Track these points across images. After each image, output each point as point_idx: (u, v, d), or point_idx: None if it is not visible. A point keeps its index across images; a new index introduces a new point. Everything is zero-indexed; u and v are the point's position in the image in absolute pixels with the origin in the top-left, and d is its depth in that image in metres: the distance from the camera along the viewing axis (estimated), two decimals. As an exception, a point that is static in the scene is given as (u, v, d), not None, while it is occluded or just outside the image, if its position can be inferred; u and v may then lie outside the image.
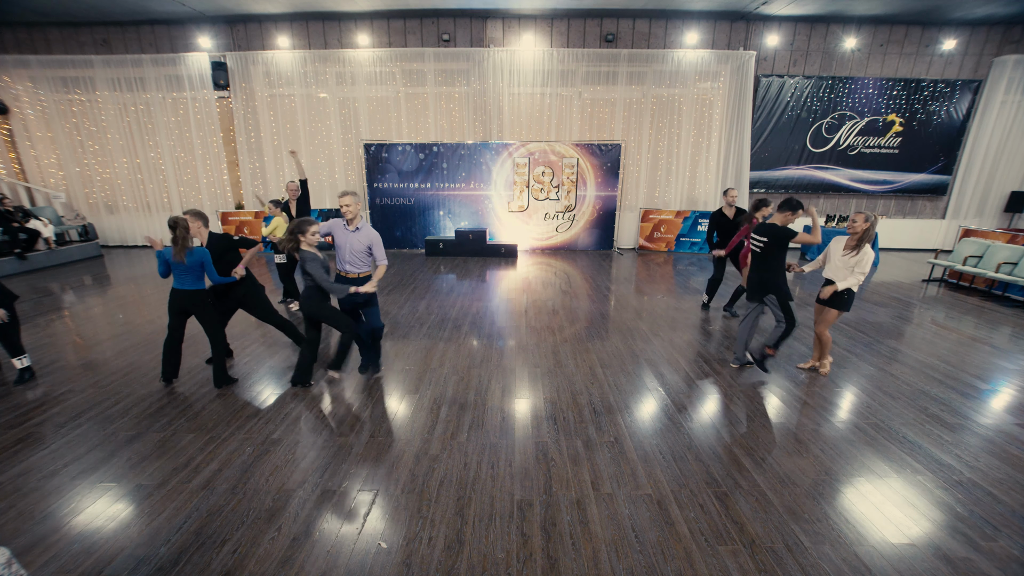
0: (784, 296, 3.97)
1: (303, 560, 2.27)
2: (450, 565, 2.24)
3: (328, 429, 3.40)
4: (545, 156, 10.02)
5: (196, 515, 2.55)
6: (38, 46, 10.00)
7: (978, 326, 5.79)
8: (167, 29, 9.91)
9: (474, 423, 3.47)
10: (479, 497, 2.70)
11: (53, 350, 4.88)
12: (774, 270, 3.98)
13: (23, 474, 2.90)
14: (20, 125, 10.27)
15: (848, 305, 4.02)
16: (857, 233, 3.84)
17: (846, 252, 3.93)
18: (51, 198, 10.35)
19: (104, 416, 3.57)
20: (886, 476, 2.92)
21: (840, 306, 4.03)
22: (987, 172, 10.45)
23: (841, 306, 4.03)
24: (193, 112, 10.24)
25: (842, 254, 3.96)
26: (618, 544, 2.37)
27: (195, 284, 3.85)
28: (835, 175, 10.64)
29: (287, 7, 9.14)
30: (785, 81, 10.00)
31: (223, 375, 4.04)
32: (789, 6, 8.90)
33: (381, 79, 9.94)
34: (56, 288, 7.47)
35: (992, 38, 9.84)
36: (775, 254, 3.95)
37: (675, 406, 3.75)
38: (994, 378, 4.33)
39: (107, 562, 2.26)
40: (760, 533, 2.45)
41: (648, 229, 10.59)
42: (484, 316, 5.94)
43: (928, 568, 2.25)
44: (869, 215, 3.84)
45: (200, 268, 3.81)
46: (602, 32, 9.77)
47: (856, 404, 3.83)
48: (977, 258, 7.34)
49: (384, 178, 10.16)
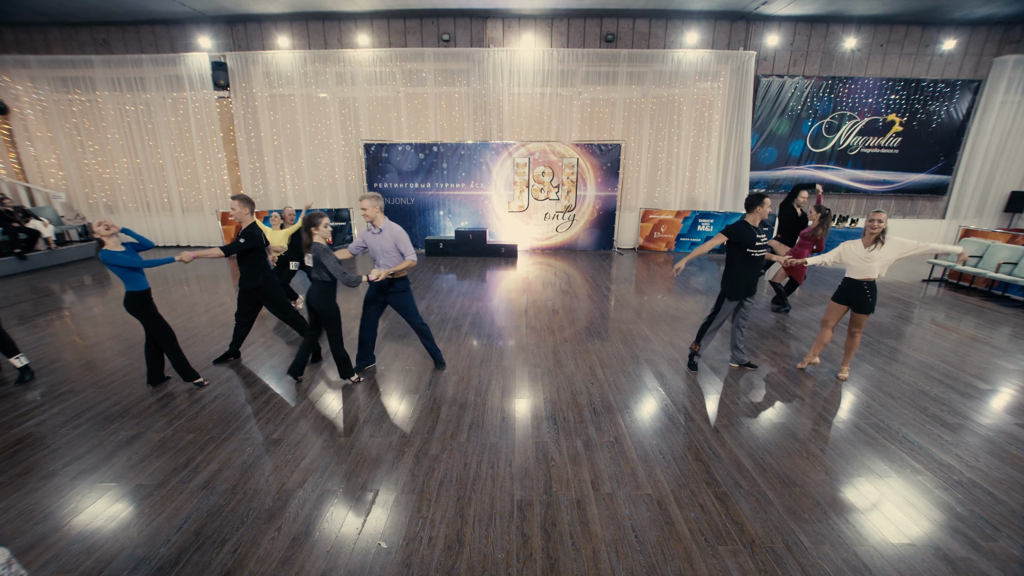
0: (722, 294, 4.11)
1: (303, 560, 2.27)
2: (450, 565, 2.24)
3: (328, 429, 3.40)
4: (545, 156, 10.02)
5: (196, 515, 2.55)
6: (38, 46, 10.00)
7: (978, 326, 5.79)
8: (167, 29, 9.90)
9: (474, 423, 3.47)
10: (479, 497, 2.70)
11: (53, 350, 4.88)
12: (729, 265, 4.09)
13: (23, 474, 2.90)
14: (20, 125, 10.27)
15: (872, 306, 3.98)
16: (875, 232, 3.84)
17: (869, 247, 3.88)
18: (51, 198, 10.35)
19: (104, 416, 3.57)
20: (886, 476, 2.92)
21: (866, 309, 3.98)
22: (987, 172, 10.45)
23: (867, 309, 3.98)
24: (193, 112, 10.23)
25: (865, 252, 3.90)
26: (618, 544, 2.37)
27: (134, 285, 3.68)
28: (835, 175, 10.64)
29: (287, 7, 9.13)
30: (785, 81, 10.00)
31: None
32: (789, 6, 8.90)
33: (381, 79, 9.94)
34: (56, 288, 7.47)
35: (992, 38, 9.84)
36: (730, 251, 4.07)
37: (675, 406, 3.75)
38: (994, 378, 4.33)
39: (107, 562, 2.25)
40: (760, 533, 2.45)
41: (648, 229, 10.59)
42: (484, 316, 5.94)
43: (928, 568, 2.25)
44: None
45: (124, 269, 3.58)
46: (602, 32, 9.77)
47: (856, 404, 3.83)
48: (977, 258, 7.34)
49: (384, 178, 10.15)
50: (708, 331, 4.24)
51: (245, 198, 4.04)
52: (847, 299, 4.06)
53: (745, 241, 3.89)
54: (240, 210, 4.03)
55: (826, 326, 4.25)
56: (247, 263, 4.20)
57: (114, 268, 3.56)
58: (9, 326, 5.38)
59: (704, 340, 4.28)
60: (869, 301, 3.95)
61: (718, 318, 4.17)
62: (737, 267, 4.00)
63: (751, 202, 3.90)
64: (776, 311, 6.21)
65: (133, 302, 3.69)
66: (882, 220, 3.83)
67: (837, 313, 4.17)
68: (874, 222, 3.84)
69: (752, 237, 3.90)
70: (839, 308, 4.15)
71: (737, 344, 4.39)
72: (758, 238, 3.93)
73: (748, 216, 3.95)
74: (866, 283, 3.93)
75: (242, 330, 4.50)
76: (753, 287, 4.09)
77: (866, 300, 3.95)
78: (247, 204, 4.05)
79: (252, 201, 4.09)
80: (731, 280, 4.04)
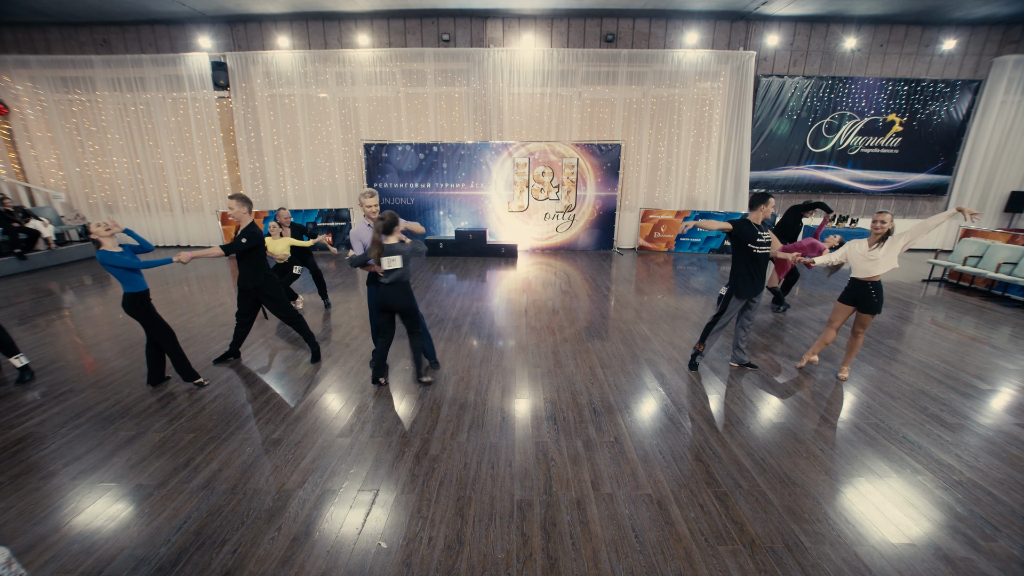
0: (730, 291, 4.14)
1: (303, 560, 2.27)
2: (450, 565, 2.24)
3: (328, 429, 3.40)
4: (545, 156, 10.02)
5: (196, 515, 2.55)
6: (38, 46, 10.00)
7: (978, 326, 5.79)
8: (167, 29, 9.91)
9: (474, 423, 3.47)
10: (479, 497, 2.70)
11: (53, 350, 4.87)
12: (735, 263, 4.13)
13: (23, 474, 2.90)
14: (20, 125, 10.27)
15: (879, 307, 3.98)
16: (879, 232, 3.85)
17: (873, 246, 3.90)
18: (51, 198, 10.35)
19: (104, 416, 3.57)
20: (886, 476, 2.92)
21: (873, 309, 3.98)
22: (987, 172, 10.45)
23: (873, 309, 3.97)
24: (193, 112, 10.24)
25: (868, 251, 3.91)
26: (618, 544, 2.37)
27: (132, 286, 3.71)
28: (835, 175, 10.64)
29: (287, 7, 9.13)
30: (785, 81, 10.00)
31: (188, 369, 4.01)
32: (789, 6, 8.90)
33: (381, 79, 9.94)
34: (56, 288, 7.47)
35: (992, 38, 9.84)
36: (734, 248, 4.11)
37: (675, 406, 3.75)
38: (994, 378, 4.33)
39: (107, 562, 2.25)
40: (760, 533, 2.45)
41: (648, 229, 10.59)
42: (484, 316, 5.94)
43: (928, 568, 2.25)
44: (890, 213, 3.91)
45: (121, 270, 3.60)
46: (602, 32, 9.77)
47: (856, 404, 3.83)
48: (977, 258, 7.34)
49: (384, 178, 10.15)
50: (713, 330, 4.23)
51: (243, 197, 4.02)
52: (852, 299, 4.05)
53: (746, 237, 3.95)
54: (238, 209, 4.01)
55: (831, 326, 4.25)
56: (247, 262, 4.19)
57: (111, 269, 3.56)
58: (9, 326, 5.38)
59: (709, 340, 4.28)
60: (875, 301, 3.94)
61: (724, 317, 4.17)
62: (742, 265, 4.04)
63: (754, 201, 3.97)
64: (775, 311, 6.22)
65: (131, 303, 3.70)
66: (885, 221, 3.84)
67: (843, 314, 4.16)
68: (877, 223, 3.85)
69: (754, 234, 3.94)
70: (845, 309, 4.14)
71: (739, 344, 4.39)
72: (760, 235, 3.96)
73: (751, 214, 4.01)
74: (871, 283, 3.92)
75: (242, 330, 4.49)
76: (760, 286, 4.10)
77: (871, 300, 3.94)
78: (245, 203, 4.02)
79: (250, 200, 4.07)
80: (737, 278, 4.07)
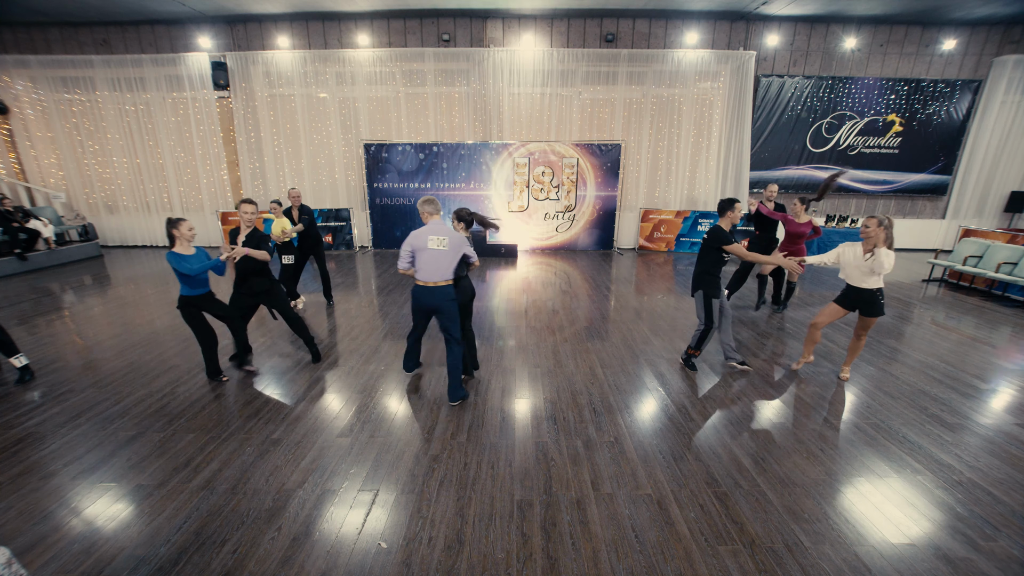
0: (709, 296, 4.12)
1: (303, 560, 2.27)
2: (450, 565, 2.24)
3: (328, 429, 3.40)
4: (545, 156, 10.02)
5: (196, 515, 2.55)
6: (38, 46, 10.00)
7: (978, 326, 5.79)
8: (167, 29, 9.90)
9: (474, 423, 3.47)
10: (479, 497, 2.70)
11: (53, 350, 4.88)
12: (707, 268, 4.12)
13: (23, 474, 2.90)
14: (20, 125, 10.27)
15: (882, 309, 3.94)
16: (870, 238, 3.74)
17: (866, 256, 3.80)
18: (51, 198, 10.35)
19: (104, 416, 3.57)
20: (886, 476, 2.92)
21: (876, 312, 3.93)
22: (987, 172, 10.44)
23: (877, 312, 3.93)
24: (193, 112, 10.23)
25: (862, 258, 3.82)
26: (618, 544, 2.37)
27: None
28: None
29: (287, 7, 9.13)
30: (785, 81, 10.00)
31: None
32: (789, 6, 8.90)
33: (381, 79, 9.94)
34: (56, 288, 7.47)
35: (992, 38, 9.84)
36: (709, 254, 4.09)
37: (675, 406, 3.75)
38: (994, 378, 4.33)
39: (107, 562, 2.26)
40: (760, 533, 2.45)
41: (648, 229, 10.59)
42: (484, 316, 5.94)
43: (928, 568, 2.25)
44: (882, 219, 3.71)
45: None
46: (602, 32, 9.77)
47: (856, 404, 3.83)
48: (977, 258, 7.34)
49: (384, 178, 10.15)
50: (708, 337, 4.23)
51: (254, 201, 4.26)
52: (852, 304, 4.01)
53: (722, 241, 4.00)
54: (256, 213, 4.22)
55: (815, 328, 4.22)
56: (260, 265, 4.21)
57: (176, 271, 3.78)
58: (9, 326, 5.38)
59: (704, 345, 4.28)
60: (880, 303, 3.90)
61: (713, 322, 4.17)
62: (716, 268, 4.10)
63: (723, 207, 4.03)
64: (775, 311, 6.21)
65: (180, 304, 3.91)
66: (869, 226, 3.71)
67: (831, 314, 4.12)
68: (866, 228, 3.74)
69: (728, 239, 4.02)
70: (837, 310, 4.10)
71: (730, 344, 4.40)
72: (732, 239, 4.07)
73: (721, 220, 4.07)
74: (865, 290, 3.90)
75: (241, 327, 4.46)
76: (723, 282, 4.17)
77: (874, 305, 3.90)
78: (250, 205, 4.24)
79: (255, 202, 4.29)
80: (709, 281, 4.12)
